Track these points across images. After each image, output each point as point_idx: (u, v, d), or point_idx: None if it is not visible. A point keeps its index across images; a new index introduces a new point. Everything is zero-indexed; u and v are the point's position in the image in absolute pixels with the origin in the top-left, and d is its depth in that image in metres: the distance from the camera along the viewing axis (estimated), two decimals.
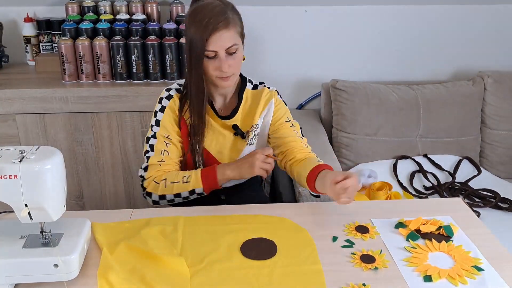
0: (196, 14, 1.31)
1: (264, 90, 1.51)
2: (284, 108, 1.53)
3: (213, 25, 1.27)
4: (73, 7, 2.29)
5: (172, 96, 1.45)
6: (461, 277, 1.09)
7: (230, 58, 1.33)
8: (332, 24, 2.53)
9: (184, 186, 1.39)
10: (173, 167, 1.45)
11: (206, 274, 1.10)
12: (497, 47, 2.64)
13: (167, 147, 1.43)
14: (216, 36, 1.28)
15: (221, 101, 1.50)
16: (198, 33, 1.28)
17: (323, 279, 1.08)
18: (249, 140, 1.50)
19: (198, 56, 1.31)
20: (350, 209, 1.39)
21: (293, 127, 1.53)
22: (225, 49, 1.31)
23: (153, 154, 1.43)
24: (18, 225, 1.09)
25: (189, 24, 1.32)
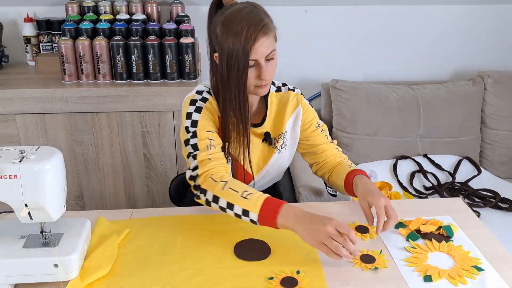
0: (231, 22, 1.21)
1: (290, 94, 1.44)
2: (312, 113, 1.48)
3: (255, 34, 1.19)
4: (73, 7, 2.29)
5: (207, 99, 1.34)
6: (461, 277, 1.09)
7: (269, 65, 1.27)
8: (332, 24, 2.53)
9: (240, 200, 1.18)
10: (223, 161, 1.31)
11: (202, 276, 1.10)
12: (497, 47, 2.64)
13: (211, 142, 1.29)
14: (258, 44, 1.21)
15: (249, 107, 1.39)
16: (239, 43, 1.18)
17: (323, 276, 1.09)
18: (277, 147, 1.44)
19: (242, 68, 1.21)
20: (350, 209, 1.39)
21: (323, 132, 1.49)
22: (266, 55, 1.25)
23: (199, 151, 1.28)
24: (18, 225, 1.09)
25: (225, 35, 1.21)
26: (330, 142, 1.49)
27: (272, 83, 1.45)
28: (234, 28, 1.20)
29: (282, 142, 1.45)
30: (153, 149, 2.15)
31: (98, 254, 1.13)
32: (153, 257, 1.16)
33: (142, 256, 1.16)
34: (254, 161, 1.45)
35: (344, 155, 1.51)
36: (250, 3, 1.27)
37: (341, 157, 1.49)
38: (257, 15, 1.23)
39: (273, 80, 1.45)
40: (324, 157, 1.48)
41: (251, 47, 1.20)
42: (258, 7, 1.27)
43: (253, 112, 1.42)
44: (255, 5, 1.27)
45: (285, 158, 1.50)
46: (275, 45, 1.29)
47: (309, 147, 1.49)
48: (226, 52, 1.21)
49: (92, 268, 1.08)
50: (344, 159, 1.49)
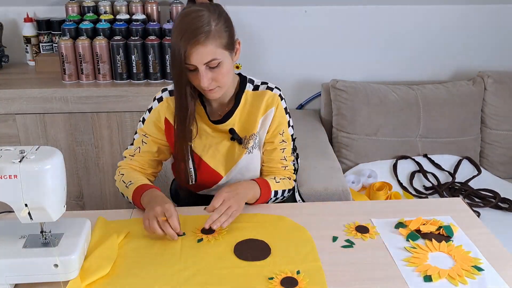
0: (179, 22, 1.23)
1: (267, 94, 1.40)
2: (284, 119, 1.43)
3: (189, 39, 1.19)
4: (73, 7, 2.29)
5: (162, 99, 1.41)
6: (461, 277, 1.09)
7: (210, 72, 1.25)
8: (332, 24, 2.53)
9: (125, 190, 1.38)
10: (140, 164, 1.44)
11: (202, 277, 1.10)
12: (497, 47, 2.64)
13: (142, 145, 1.43)
14: (193, 50, 1.21)
15: (217, 105, 1.42)
16: (177, 44, 1.21)
17: (323, 276, 1.09)
18: (248, 148, 1.42)
19: (179, 70, 1.24)
20: (350, 209, 1.39)
21: (282, 143, 1.44)
22: (204, 63, 1.23)
23: (131, 147, 1.45)
24: (18, 225, 1.09)
25: (172, 31, 1.26)
26: (282, 158, 1.45)
27: (250, 81, 1.43)
28: (178, 29, 1.23)
29: (253, 143, 1.42)
30: None
31: (98, 254, 1.13)
32: (153, 257, 1.16)
33: (142, 256, 1.16)
34: (222, 160, 1.44)
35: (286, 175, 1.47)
36: (209, 6, 1.25)
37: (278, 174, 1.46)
38: (205, 21, 1.21)
39: (252, 78, 1.44)
40: (268, 168, 1.47)
41: (185, 52, 1.21)
42: (214, 11, 1.24)
43: (223, 108, 1.42)
44: (211, 9, 1.24)
45: (259, 159, 1.47)
46: (222, 54, 1.25)
47: (265, 155, 1.47)
48: (171, 50, 1.27)
49: (92, 268, 1.08)
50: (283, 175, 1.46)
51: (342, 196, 1.83)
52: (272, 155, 1.45)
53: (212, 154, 1.43)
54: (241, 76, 1.44)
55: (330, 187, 1.83)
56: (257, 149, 1.45)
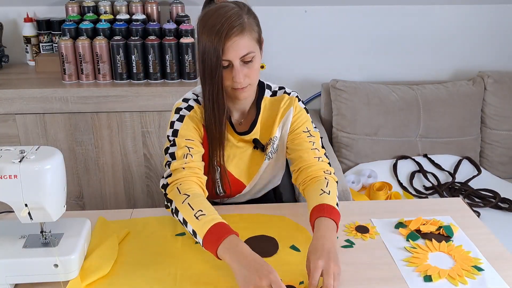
0: (208, 18, 1.18)
1: (284, 97, 1.37)
2: (305, 117, 1.39)
3: (227, 31, 1.14)
4: (73, 7, 2.29)
5: (192, 107, 1.31)
6: (461, 277, 1.09)
7: (245, 68, 1.20)
8: (332, 24, 2.53)
9: (193, 219, 1.14)
10: (198, 170, 1.27)
11: (202, 276, 1.10)
12: (497, 47, 2.64)
13: (190, 151, 1.27)
14: (230, 43, 1.15)
15: (239, 115, 1.37)
16: (211, 40, 1.15)
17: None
18: (267, 154, 1.39)
19: (214, 67, 1.17)
20: (350, 209, 1.39)
21: (310, 137, 1.37)
22: (240, 57, 1.18)
23: (175, 161, 1.26)
24: (18, 225, 1.09)
25: (201, 30, 1.18)
26: (312, 149, 1.36)
27: (268, 87, 1.39)
28: (209, 26, 1.17)
29: (271, 148, 1.39)
30: (153, 149, 2.15)
31: (98, 254, 1.13)
32: (153, 257, 1.16)
33: (142, 256, 1.16)
34: (245, 169, 1.42)
35: (324, 168, 1.34)
36: (237, 3, 1.23)
37: (319, 171, 1.33)
38: (235, 14, 1.17)
39: (270, 84, 1.41)
40: (301, 163, 1.35)
41: (223, 46, 1.15)
42: (243, 7, 1.22)
43: (242, 119, 1.38)
44: (240, 5, 1.22)
45: (278, 164, 1.46)
46: (256, 48, 1.22)
47: (291, 151, 1.39)
48: (201, 49, 1.19)
49: (92, 268, 1.08)
50: (322, 175, 1.33)
51: (342, 196, 1.83)
52: (302, 146, 1.36)
53: (236, 164, 1.39)
54: (259, 83, 1.37)
55: None
56: (275, 154, 1.42)
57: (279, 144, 1.42)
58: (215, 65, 1.17)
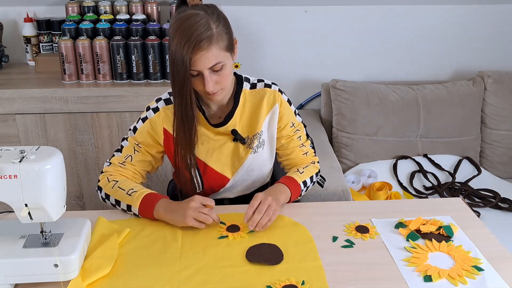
0: (177, 28, 1.19)
1: (266, 92, 1.39)
2: (290, 111, 1.44)
3: (194, 44, 1.17)
4: (73, 7, 2.30)
5: (158, 109, 1.37)
6: (461, 277, 1.09)
7: (215, 75, 1.24)
8: (332, 24, 2.53)
9: (126, 197, 1.30)
10: (131, 174, 1.39)
11: (202, 276, 1.10)
12: (497, 47, 2.64)
13: (134, 153, 1.39)
14: (198, 56, 1.18)
15: (216, 107, 1.40)
16: (179, 52, 1.18)
17: (323, 275, 1.09)
18: (253, 147, 1.42)
19: (182, 77, 1.21)
20: (350, 209, 1.39)
21: (297, 132, 1.46)
22: (208, 68, 1.22)
23: (120, 154, 1.40)
24: (18, 225, 1.09)
25: (171, 38, 1.21)
26: (300, 146, 1.48)
27: (246, 80, 1.41)
28: (178, 36, 1.18)
29: (258, 142, 1.42)
30: None
31: (98, 254, 1.13)
32: (153, 256, 1.16)
33: (142, 256, 1.16)
34: (227, 163, 1.43)
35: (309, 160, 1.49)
36: (206, 8, 1.23)
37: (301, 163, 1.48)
38: (205, 24, 1.18)
39: (248, 77, 1.43)
40: (290, 161, 1.50)
41: (190, 59, 1.18)
42: (212, 14, 1.22)
43: (222, 110, 1.40)
44: (209, 11, 1.22)
45: (265, 158, 1.47)
46: (225, 56, 1.23)
47: (280, 147, 1.48)
48: (171, 57, 1.22)
49: (93, 268, 1.08)
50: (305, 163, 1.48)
51: (342, 196, 1.83)
52: (290, 146, 1.47)
53: (216, 158, 1.42)
54: (237, 76, 1.41)
55: (330, 187, 1.84)
56: (262, 148, 1.44)
57: (266, 138, 1.44)
58: (183, 76, 1.20)
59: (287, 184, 1.38)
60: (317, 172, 1.49)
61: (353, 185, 2.20)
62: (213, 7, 1.25)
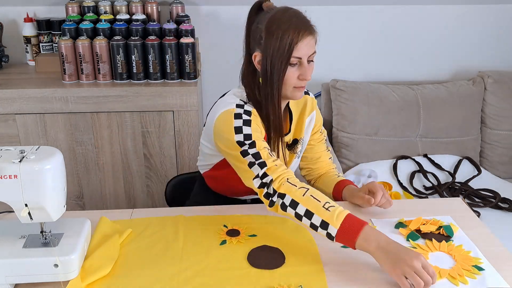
0: (279, 19, 1.21)
1: (307, 99, 1.46)
2: (320, 117, 1.53)
3: (304, 29, 1.21)
4: (73, 7, 2.29)
5: (250, 111, 1.29)
6: (461, 276, 1.09)
7: (309, 66, 1.26)
8: (332, 24, 2.53)
9: (321, 210, 1.13)
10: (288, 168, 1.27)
11: (202, 277, 1.10)
12: (497, 47, 2.64)
13: (269, 151, 1.26)
14: (304, 42, 1.21)
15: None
16: (286, 38, 1.19)
17: (324, 279, 1.08)
18: (297, 153, 1.46)
19: (283, 64, 1.21)
20: (350, 209, 1.39)
21: (321, 135, 1.54)
22: (308, 56, 1.24)
23: (263, 159, 1.23)
24: (18, 225, 1.09)
25: (272, 32, 1.20)
26: (326, 150, 1.55)
27: None
28: (283, 25, 1.21)
29: (301, 147, 1.47)
30: (153, 149, 2.15)
31: (99, 254, 1.13)
32: (154, 257, 1.16)
33: (143, 257, 1.16)
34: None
35: (334, 165, 1.57)
36: (290, 8, 1.28)
37: (330, 166, 1.55)
38: (302, 16, 1.26)
39: None
40: (318, 165, 1.53)
41: (297, 43, 1.20)
42: (301, 12, 1.29)
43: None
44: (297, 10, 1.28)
45: (299, 162, 1.54)
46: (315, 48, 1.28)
47: (308, 152, 1.51)
48: (270, 51, 1.21)
49: (93, 268, 1.08)
50: (332, 168, 1.55)
51: None
52: (319, 149, 1.53)
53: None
54: None
55: None
56: (302, 152, 1.50)
57: (304, 143, 1.50)
58: (285, 62, 1.21)
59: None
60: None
61: None
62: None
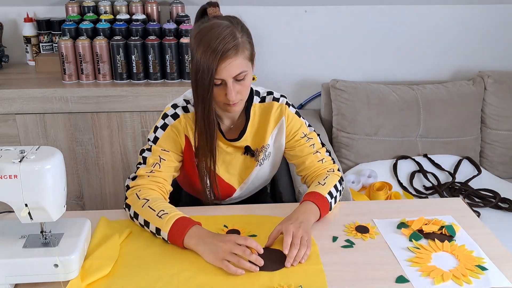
0: (202, 36, 1.19)
1: (274, 105, 1.39)
2: (298, 122, 1.42)
3: (221, 53, 1.17)
4: (73, 7, 2.29)
5: (178, 116, 1.34)
6: (465, 276, 1.09)
7: (237, 85, 1.23)
8: (332, 24, 2.53)
9: (155, 219, 1.21)
10: (162, 181, 1.32)
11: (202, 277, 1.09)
12: (497, 47, 2.64)
13: (161, 161, 1.32)
14: (224, 65, 1.18)
15: (229, 122, 1.40)
16: (205, 60, 1.17)
17: (324, 279, 1.08)
18: (259, 160, 1.43)
19: (206, 85, 1.20)
20: (350, 209, 1.39)
21: (309, 140, 1.42)
22: (233, 77, 1.21)
23: (145, 166, 1.32)
24: (18, 225, 1.09)
25: (195, 48, 1.20)
26: (314, 153, 1.42)
27: (256, 93, 1.41)
28: (203, 45, 1.18)
29: (263, 155, 1.43)
30: None
31: (99, 254, 1.13)
32: (153, 257, 1.16)
33: (143, 257, 1.16)
34: (235, 174, 1.45)
35: (328, 167, 1.43)
36: (230, 19, 1.24)
37: (322, 170, 1.42)
38: (230, 33, 1.19)
39: (258, 89, 1.42)
40: (306, 170, 1.43)
41: (216, 67, 1.17)
42: (237, 24, 1.23)
43: (232, 126, 1.40)
44: (234, 21, 1.24)
45: (267, 169, 1.49)
46: (248, 65, 1.25)
47: (293, 157, 1.45)
48: (194, 66, 1.21)
49: (93, 268, 1.08)
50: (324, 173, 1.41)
51: (342, 196, 1.82)
52: (304, 153, 1.42)
53: (226, 169, 1.43)
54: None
55: None
56: (267, 160, 1.45)
57: (272, 151, 1.45)
58: (208, 83, 1.19)
59: (312, 200, 1.29)
60: (339, 180, 1.40)
61: (353, 185, 2.20)
62: (237, 19, 1.26)
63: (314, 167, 1.42)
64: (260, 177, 1.49)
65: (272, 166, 1.50)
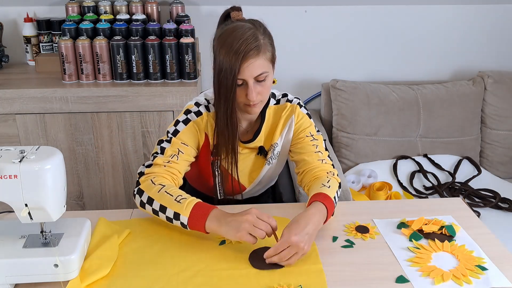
0: (225, 38, 1.22)
1: (286, 106, 1.42)
2: (307, 122, 1.43)
3: (244, 53, 1.19)
4: (73, 7, 2.29)
5: (201, 113, 1.36)
6: (465, 276, 1.09)
7: (258, 86, 1.25)
8: (332, 24, 2.53)
9: (173, 204, 1.20)
10: (177, 172, 1.32)
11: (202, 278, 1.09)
12: (497, 47, 2.64)
13: (178, 153, 1.33)
14: (246, 65, 1.20)
15: (246, 124, 1.42)
16: (228, 60, 1.20)
17: (324, 279, 1.08)
18: (268, 159, 1.44)
19: (229, 85, 1.22)
20: (350, 209, 1.39)
21: (313, 141, 1.42)
22: (254, 77, 1.23)
23: (162, 156, 1.32)
24: (18, 225, 1.09)
25: (218, 49, 1.23)
26: (316, 152, 1.40)
27: (272, 96, 1.43)
28: (226, 46, 1.21)
29: (272, 153, 1.44)
30: (153, 149, 2.14)
31: (98, 254, 1.13)
32: (153, 257, 1.16)
33: (142, 257, 1.16)
34: (247, 173, 1.47)
35: (328, 169, 1.38)
36: (252, 22, 1.27)
37: (322, 172, 1.37)
38: (253, 34, 1.22)
39: (274, 92, 1.44)
40: (304, 166, 1.40)
41: (239, 67, 1.20)
42: (259, 26, 1.26)
43: (248, 128, 1.42)
44: (256, 24, 1.27)
45: (275, 168, 1.50)
46: (269, 67, 1.27)
47: (295, 154, 1.44)
48: (217, 67, 1.24)
49: (92, 268, 1.08)
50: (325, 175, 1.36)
51: (342, 196, 1.83)
52: (305, 150, 1.41)
53: (239, 169, 1.43)
54: None
55: None
56: (275, 159, 1.47)
57: (280, 150, 1.46)
58: (231, 83, 1.22)
59: (322, 201, 1.23)
60: (339, 186, 1.37)
61: (353, 185, 2.20)
62: (259, 22, 1.29)
63: (313, 164, 1.39)
64: (268, 176, 1.51)
65: (279, 165, 1.51)
